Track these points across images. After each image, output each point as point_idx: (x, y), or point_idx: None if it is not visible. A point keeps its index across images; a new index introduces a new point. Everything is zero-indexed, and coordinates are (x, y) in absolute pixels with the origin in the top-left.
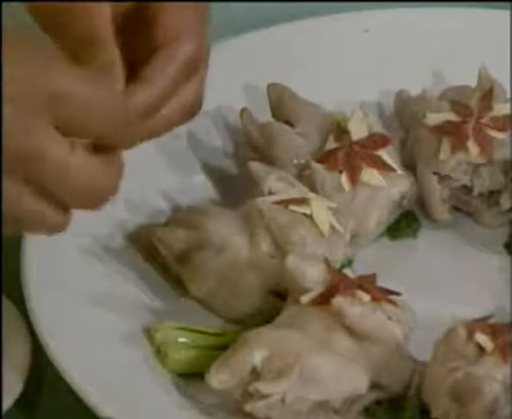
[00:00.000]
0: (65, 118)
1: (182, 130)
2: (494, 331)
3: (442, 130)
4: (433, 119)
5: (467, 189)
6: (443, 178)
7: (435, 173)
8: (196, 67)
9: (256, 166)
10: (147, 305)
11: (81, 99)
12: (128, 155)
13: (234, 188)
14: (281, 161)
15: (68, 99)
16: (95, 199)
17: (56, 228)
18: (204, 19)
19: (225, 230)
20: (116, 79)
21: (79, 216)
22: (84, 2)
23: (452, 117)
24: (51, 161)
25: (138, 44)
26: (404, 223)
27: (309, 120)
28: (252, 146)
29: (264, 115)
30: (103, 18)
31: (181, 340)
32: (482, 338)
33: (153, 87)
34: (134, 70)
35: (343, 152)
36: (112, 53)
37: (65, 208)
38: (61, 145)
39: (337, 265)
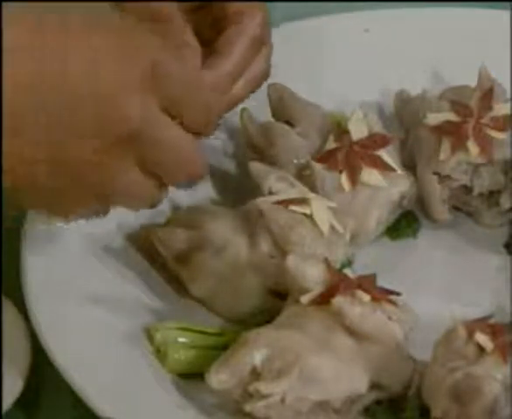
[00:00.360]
0: (169, 98)
1: None
2: (494, 331)
3: (442, 130)
4: (433, 119)
5: (467, 189)
6: (443, 178)
7: (435, 173)
8: (263, 41)
9: (256, 166)
10: (147, 305)
11: (181, 80)
12: None
13: (234, 188)
14: (281, 161)
15: (170, 78)
16: (198, 172)
17: (157, 202)
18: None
19: (225, 230)
20: (194, 57)
21: None
22: None
23: (452, 117)
24: (166, 144)
25: (204, 23)
26: (404, 223)
27: (309, 120)
28: (252, 146)
29: (264, 115)
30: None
31: (181, 339)
32: (482, 338)
33: (229, 60)
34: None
35: (343, 152)
36: (187, 34)
37: (164, 184)
38: (172, 128)
39: (337, 265)
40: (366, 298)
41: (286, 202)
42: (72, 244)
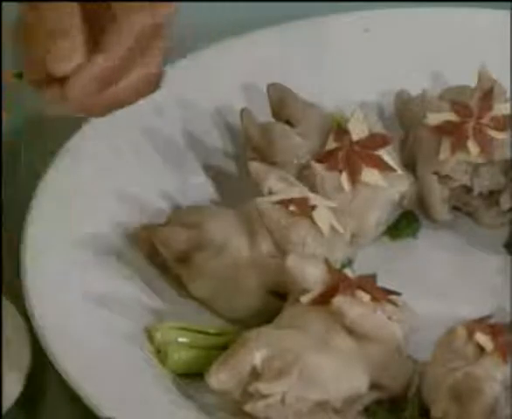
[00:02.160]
0: None
1: (181, 130)
2: (494, 331)
3: (442, 130)
4: (433, 119)
5: (467, 189)
6: (443, 178)
7: (435, 173)
8: (154, 37)
9: (256, 166)
10: (147, 305)
11: None
12: (128, 155)
13: (234, 188)
14: (281, 161)
15: None
16: None
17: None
18: None
19: (225, 229)
20: (73, 49)
21: (79, 216)
22: None
23: (452, 117)
24: None
25: (101, 15)
26: (404, 223)
27: (309, 120)
28: (252, 146)
29: (264, 115)
30: None
31: (181, 340)
32: (482, 338)
33: (108, 56)
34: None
35: (343, 152)
36: (68, 20)
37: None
38: None
39: (337, 265)
40: (366, 298)
41: (286, 202)
42: (73, 244)
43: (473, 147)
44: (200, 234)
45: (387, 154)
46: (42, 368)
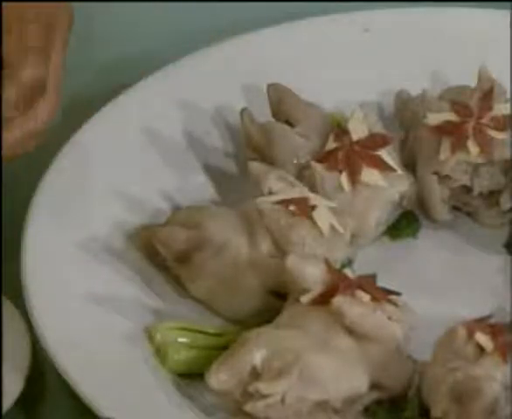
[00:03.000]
0: None
1: (181, 130)
2: (494, 331)
3: (442, 130)
4: (433, 119)
5: (467, 189)
6: (443, 178)
7: (435, 173)
8: (38, 95)
9: (256, 166)
10: (147, 305)
11: None
12: (128, 156)
13: (234, 188)
14: (281, 161)
15: None
16: None
17: None
18: (56, 45)
19: (225, 229)
20: None
21: (79, 216)
22: None
23: (452, 117)
24: None
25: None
26: (404, 223)
27: (309, 120)
28: (252, 146)
29: (264, 115)
30: None
31: (181, 340)
32: (482, 338)
33: None
34: None
35: (343, 152)
36: None
37: None
38: None
39: (337, 265)
40: (366, 298)
41: (286, 202)
42: (72, 244)
43: (473, 147)
44: (200, 234)
45: (387, 154)
46: (42, 368)
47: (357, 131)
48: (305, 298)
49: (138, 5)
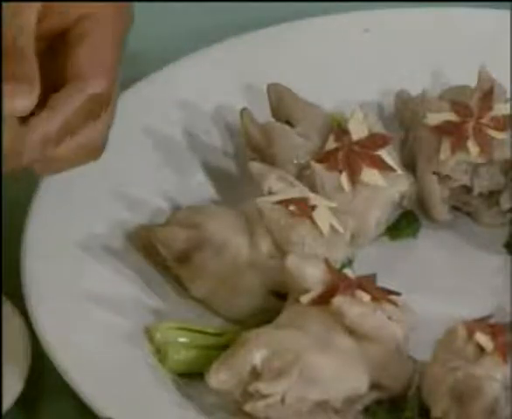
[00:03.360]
0: None
1: (181, 130)
2: (494, 331)
3: (442, 130)
4: (433, 119)
5: (467, 189)
6: (443, 178)
7: (435, 173)
8: (102, 107)
9: (256, 166)
10: (147, 305)
11: None
12: (128, 156)
13: (234, 188)
14: (281, 161)
15: None
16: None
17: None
18: (118, 63)
19: (225, 229)
20: (28, 96)
21: (79, 216)
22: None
23: (452, 117)
24: None
25: (55, 72)
26: (404, 223)
27: (309, 120)
28: (252, 146)
29: (264, 115)
30: (29, 26)
31: (181, 340)
32: (482, 338)
33: (55, 116)
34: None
35: (343, 152)
36: (30, 66)
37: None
38: None
39: (337, 265)
40: (366, 298)
41: (286, 202)
42: (72, 244)
43: (473, 147)
44: (200, 234)
45: (387, 154)
46: (42, 368)
47: (357, 131)
48: (305, 298)
49: (138, 5)
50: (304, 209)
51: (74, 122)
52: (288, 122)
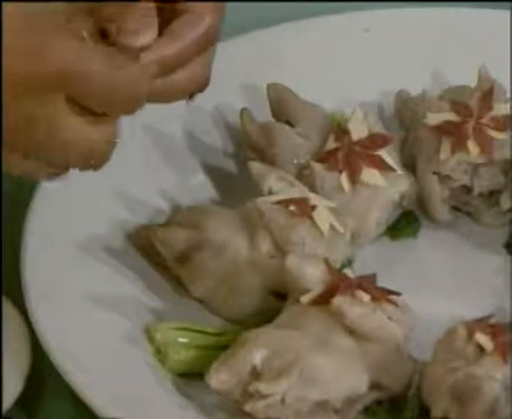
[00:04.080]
0: (80, 95)
1: (181, 130)
2: (494, 331)
3: (442, 130)
4: (433, 119)
5: (467, 189)
6: (443, 178)
7: (435, 173)
8: (210, 42)
9: (256, 166)
10: (147, 305)
11: (95, 79)
12: (128, 156)
13: (234, 188)
14: (281, 161)
15: (81, 79)
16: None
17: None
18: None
19: (225, 230)
20: (150, 26)
21: (79, 216)
22: None
23: (452, 117)
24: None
25: (172, 4)
26: (404, 223)
27: (309, 120)
28: (252, 146)
29: (264, 115)
30: None
31: (181, 340)
32: (482, 338)
33: (173, 42)
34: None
35: (343, 152)
36: (146, 4)
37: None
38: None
39: (337, 265)
40: (366, 298)
41: (286, 202)
42: (72, 244)
43: (473, 147)
44: (200, 234)
45: (387, 154)
46: (42, 368)
47: (357, 131)
48: (305, 299)
49: None
50: (304, 209)
51: (188, 53)
52: (288, 122)
